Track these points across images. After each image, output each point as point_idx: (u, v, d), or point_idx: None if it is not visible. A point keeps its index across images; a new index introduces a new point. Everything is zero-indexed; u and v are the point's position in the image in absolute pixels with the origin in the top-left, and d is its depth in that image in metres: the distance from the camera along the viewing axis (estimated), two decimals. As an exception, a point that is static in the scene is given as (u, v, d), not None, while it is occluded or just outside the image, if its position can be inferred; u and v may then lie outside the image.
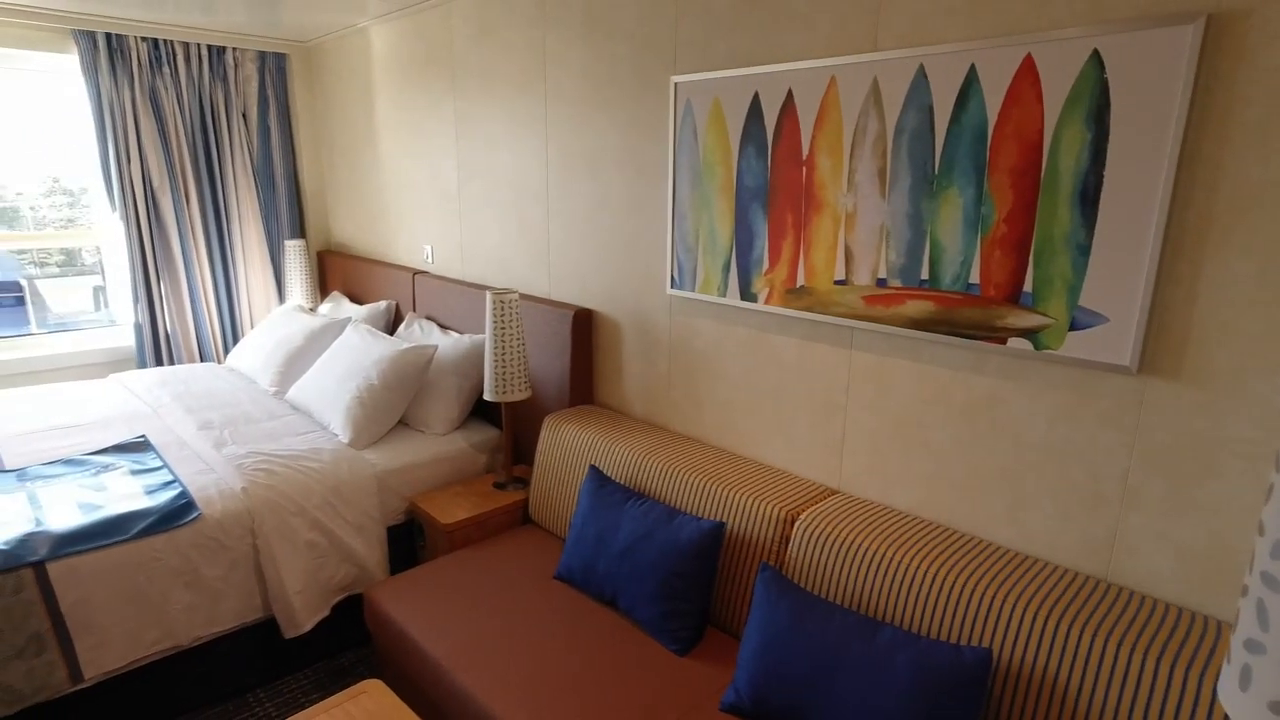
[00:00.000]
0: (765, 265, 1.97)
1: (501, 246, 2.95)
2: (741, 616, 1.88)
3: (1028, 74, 1.41)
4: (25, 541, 1.91)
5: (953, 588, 1.51)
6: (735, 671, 1.65)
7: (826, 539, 1.71)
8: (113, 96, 3.41)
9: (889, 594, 1.59)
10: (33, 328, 4.40)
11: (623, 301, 2.48)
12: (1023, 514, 1.61)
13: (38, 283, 4.72)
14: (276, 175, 4.02)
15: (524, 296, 2.78)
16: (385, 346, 2.79)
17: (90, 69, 3.35)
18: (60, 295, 4.96)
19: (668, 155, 2.19)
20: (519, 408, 2.80)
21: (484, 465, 2.82)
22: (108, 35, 3.37)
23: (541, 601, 2.04)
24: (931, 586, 1.53)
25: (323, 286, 4.29)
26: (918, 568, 1.57)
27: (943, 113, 1.55)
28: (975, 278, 1.56)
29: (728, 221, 2.04)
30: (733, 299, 2.07)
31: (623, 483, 2.19)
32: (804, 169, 1.83)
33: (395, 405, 2.70)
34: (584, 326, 2.57)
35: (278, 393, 3.17)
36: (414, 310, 3.41)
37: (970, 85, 1.50)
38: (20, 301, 4.84)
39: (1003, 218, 1.50)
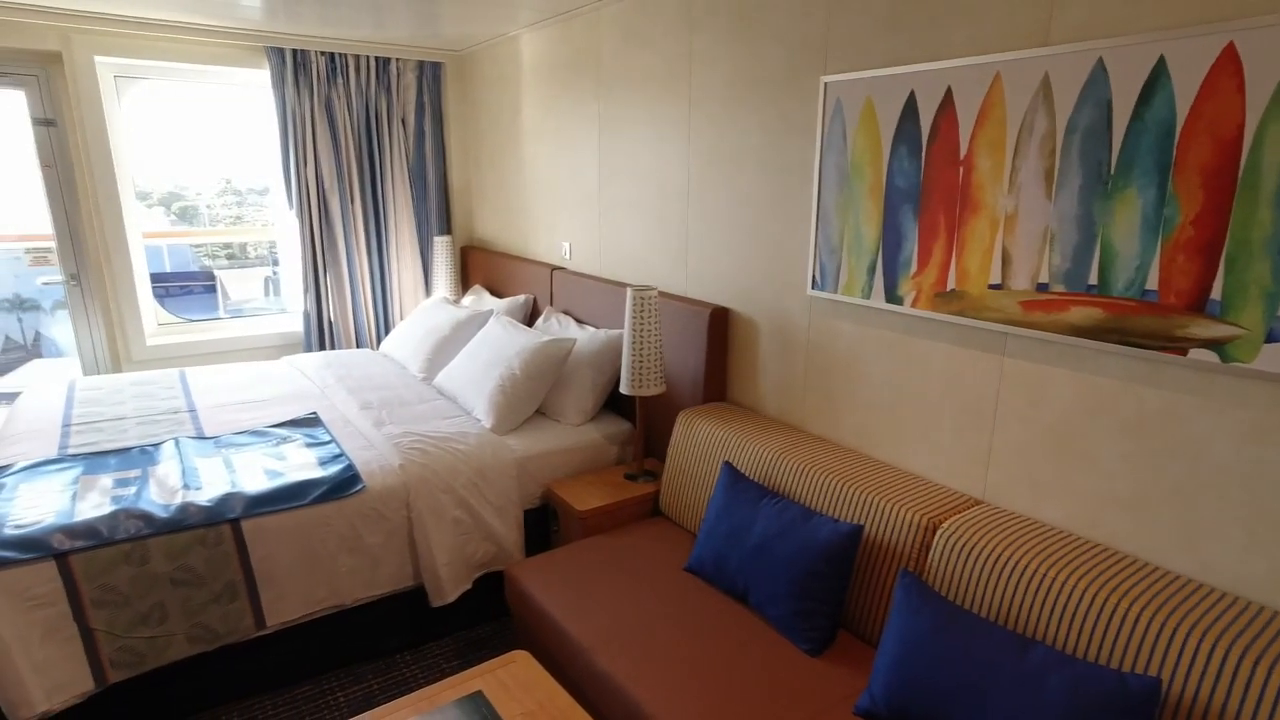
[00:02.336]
0: (913, 268, 1.93)
1: (639, 244, 3.03)
2: (876, 622, 1.85)
3: (1228, 64, 1.31)
4: (225, 500, 2.16)
5: (1114, 610, 1.42)
6: (871, 677, 1.63)
7: (971, 549, 1.66)
8: (295, 106, 3.78)
9: (1040, 611, 1.52)
10: (220, 313, 4.94)
11: (760, 301, 2.49)
12: (1200, 539, 1.50)
13: (219, 273, 5.30)
14: (428, 176, 4.30)
15: (661, 294, 2.85)
16: (527, 338, 2.94)
17: (278, 81, 3.73)
18: (235, 285, 5.53)
19: (813, 156, 2.18)
20: (652, 402, 2.87)
21: (615, 456, 2.91)
22: (294, 51, 3.73)
23: (673, 592, 2.09)
24: (1090, 607, 1.45)
25: (464, 280, 4.56)
26: (1074, 586, 1.49)
27: (1123, 109, 1.46)
28: (1153, 284, 1.46)
29: (875, 223, 2.01)
30: (877, 301, 2.04)
31: (757, 480, 2.20)
32: (961, 169, 1.78)
33: (535, 394, 2.84)
34: (720, 324, 2.60)
35: (426, 378, 3.41)
36: (551, 304, 3.57)
37: (1158, 78, 1.41)
38: (210, 289, 5.44)
39: (1189, 220, 1.40)
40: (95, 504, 2.12)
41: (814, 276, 2.23)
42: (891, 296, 1.99)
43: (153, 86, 3.86)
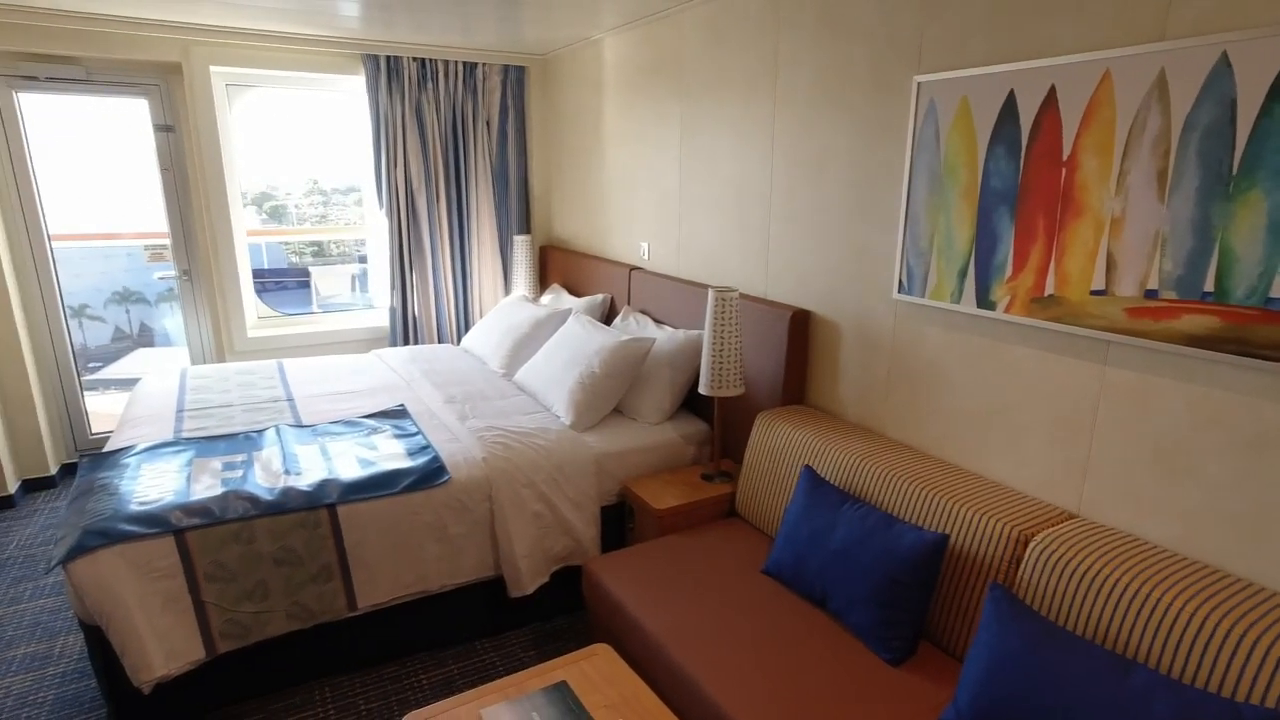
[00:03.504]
0: (1008, 272, 1.87)
1: (719, 246, 3.03)
2: (960, 634, 1.81)
3: (1370, 60, 1.23)
4: (323, 486, 2.28)
5: (1226, 635, 1.35)
6: (956, 690, 1.59)
7: (1067, 564, 1.60)
8: (387, 109, 3.94)
9: (1143, 632, 1.46)
10: (314, 307, 5.19)
11: (842, 304, 2.46)
12: (1324, 564, 1.40)
13: (313, 269, 5.57)
14: (510, 177, 4.41)
15: (741, 295, 2.84)
16: (606, 337, 2.98)
17: (373, 86, 3.90)
18: (324, 281, 5.80)
19: (903, 157, 2.14)
20: (730, 403, 2.87)
21: (691, 456, 2.93)
22: (388, 58, 3.89)
23: (751, 593, 2.09)
24: (1199, 631, 1.38)
25: (542, 279, 4.65)
26: (1181, 608, 1.42)
27: (1249, 106, 1.38)
28: (1279, 291, 1.38)
29: (967, 226, 1.95)
30: (967, 306, 1.99)
31: (837, 485, 2.18)
32: (1063, 171, 1.71)
33: (613, 393, 2.88)
34: (801, 327, 2.58)
35: (505, 374, 3.50)
36: (629, 304, 3.61)
37: (1289, 74, 1.33)
38: (303, 285, 5.72)
39: (1321, 224, 1.31)
40: (207, 485, 2.27)
41: (900, 280, 2.19)
42: (983, 301, 1.94)
43: (259, 94, 4.09)
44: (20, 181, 3.56)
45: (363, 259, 4.93)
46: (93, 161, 3.96)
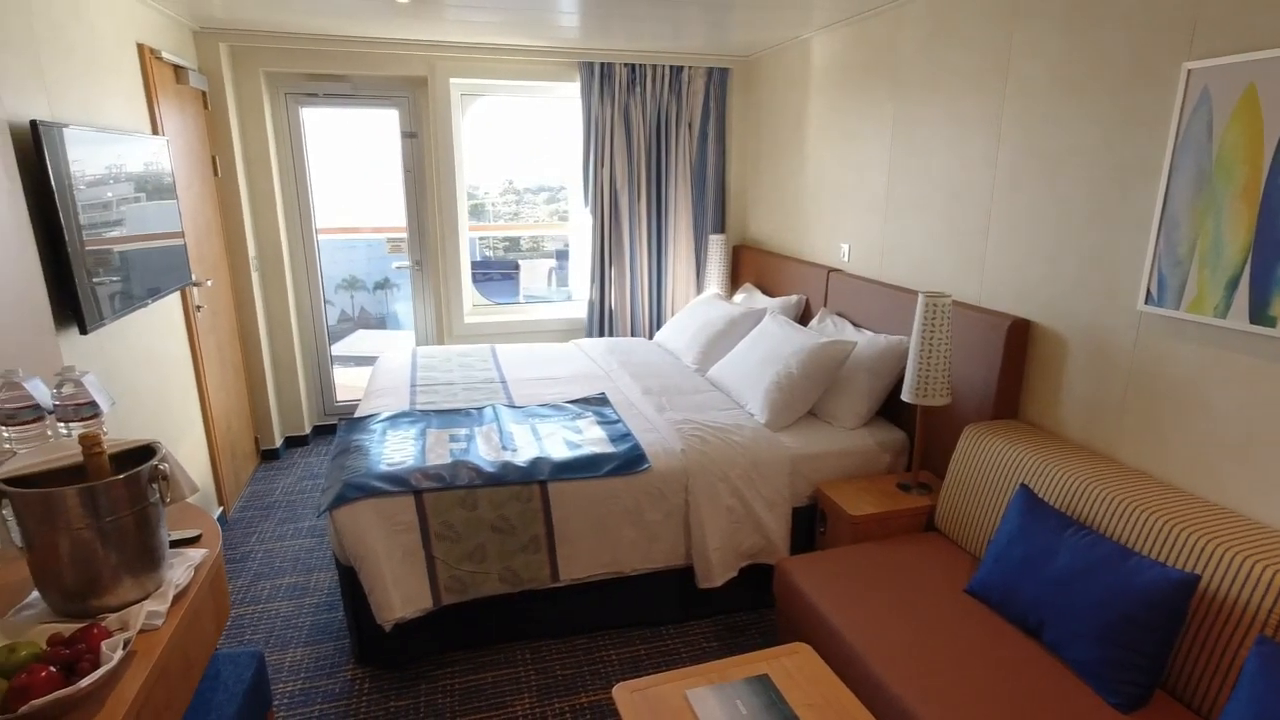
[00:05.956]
0: (1295, 284, 1.63)
1: (928, 249, 2.90)
2: (1210, 689, 1.61)
3: None
4: (536, 463, 2.48)
5: None
6: (1205, 750, 1.43)
7: (1362, 628, 1.38)
8: (598, 113, 4.16)
9: None
10: (519, 298, 5.61)
11: (1070, 315, 2.26)
12: None
13: (522, 263, 6.01)
14: (708, 177, 4.49)
15: (953, 301, 2.71)
16: (804, 338, 2.96)
17: (586, 91, 4.14)
18: (523, 275, 6.23)
19: (1162, 154, 1.93)
20: (933, 413, 2.75)
21: (887, 465, 2.84)
22: (601, 64, 4.11)
23: (953, 613, 2.00)
24: None
25: (734, 278, 4.69)
26: None
27: None
28: None
29: (1243, 231, 1.73)
30: (1236, 321, 1.76)
31: (1058, 507, 2.02)
32: (1380, 167, 1.47)
33: (810, 394, 2.86)
34: (1019, 337, 2.41)
35: (699, 370, 3.58)
36: (825, 306, 3.55)
37: None
38: (506, 277, 6.20)
39: None
40: (438, 454, 2.54)
41: (1149, 290, 1.98)
42: (1259, 316, 1.71)
43: (485, 102, 4.49)
44: (299, 182, 4.18)
45: (560, 254, 5.25)
46: (348, 165, 4.56)
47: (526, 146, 4.94)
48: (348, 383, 4.75)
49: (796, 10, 3.20)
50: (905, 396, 2.50)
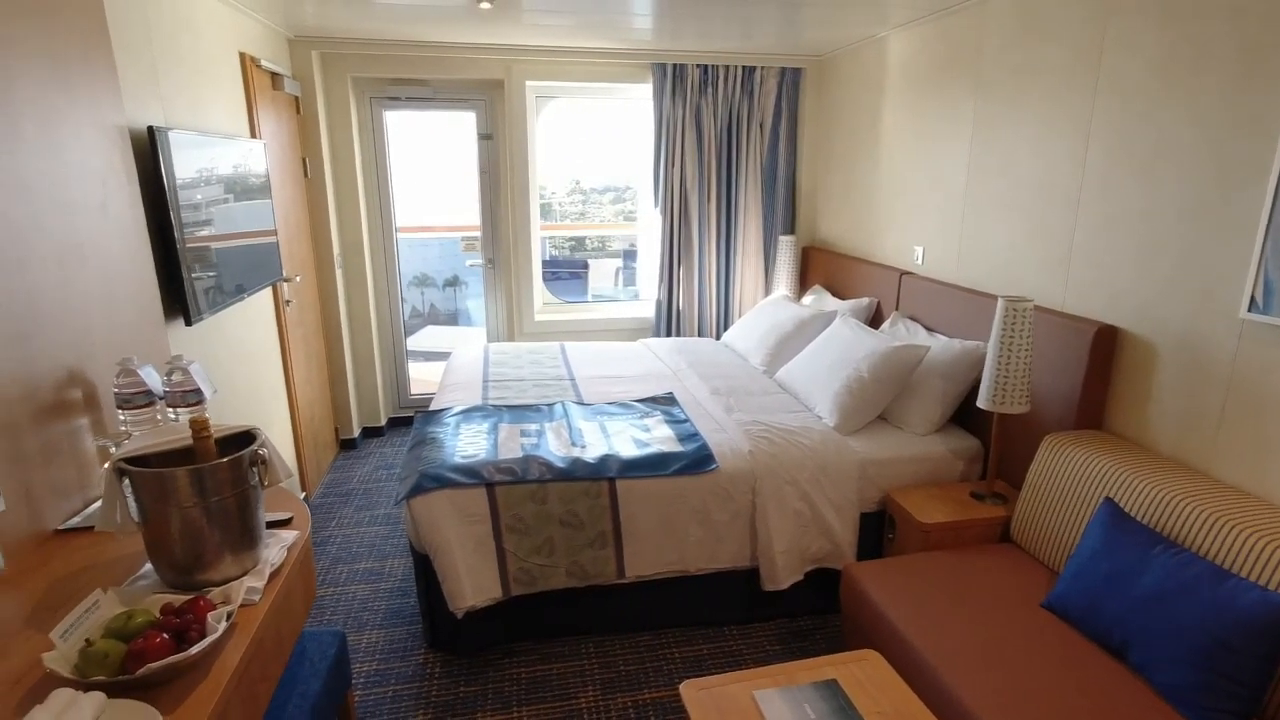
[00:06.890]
0: None
1: (1009, 252, 2.81)
2: (1314, 723, 1.52)
3: None
4: (605, 459, 2.52)
5: None
6: (1307, 785, 1.35)
7: None
8: (669, 114, 4.19)
9: None
10: (588, 296, 5.69)
11: (1164, 321, 2.16)
12: None
13: (591, 262, 6.09)
14: (779, 178, 4.45)
15: (1035, 306, 2.62)
16: (876, 342, 2.91)
17: (659, 93, 4.17)
18: (592, 274, 6.30)
19: (1272, 154, 1.83)
20: (1010, 421, 2.66)
21: (959, 473, 2.77)
22: (674, 65, 4.13)
23: (1029, 627, 1.93)
24: None
25: (803, 279, 4.64)
26: None
27: None
28: None
29: (1361, 235, 1.62)
30: (1351, 332, 1.65)
31: (1146, 523, 1.93)
32: None
33: (880, 399, 2.81)
34: (1105, 344, 2.32)
35: (767, 371, 3.56)
36: (897, 309, 3.48)
37: None
38: (574, 276, 6.28)
39: None
40: (510, 448, 2.61)
41: (1253, 296, 1.87)
42: (1378, 328, 1.60)
43: (558, 104, 4.57)
44: (381, 183, 4.35)
45: (627, 254, 5.29)
46: (427, 166, 4.72)
47: (594, 147, 5.00)
48: (421, 377, 4.91)
49: (872, 8, 3.15)
50: (981, 403, 2.44)
